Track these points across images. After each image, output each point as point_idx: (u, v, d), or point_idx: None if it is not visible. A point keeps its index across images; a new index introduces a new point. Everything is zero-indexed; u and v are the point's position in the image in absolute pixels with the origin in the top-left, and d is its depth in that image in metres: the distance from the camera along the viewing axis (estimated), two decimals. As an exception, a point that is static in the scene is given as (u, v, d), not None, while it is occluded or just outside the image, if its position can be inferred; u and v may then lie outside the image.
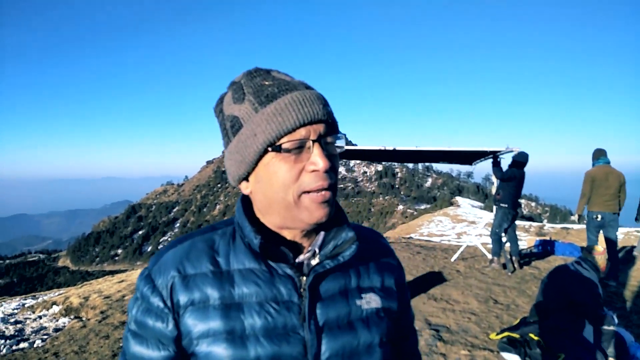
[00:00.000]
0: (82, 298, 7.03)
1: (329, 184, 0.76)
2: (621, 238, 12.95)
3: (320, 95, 0.78)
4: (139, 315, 0.81)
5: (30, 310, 7.16)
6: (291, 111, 0.74)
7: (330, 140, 0.78)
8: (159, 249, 0.86)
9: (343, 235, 0.84)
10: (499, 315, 4.90)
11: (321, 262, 0.81)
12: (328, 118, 0.77)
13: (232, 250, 0.82)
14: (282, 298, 0.79)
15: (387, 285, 0.92)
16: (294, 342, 0.77)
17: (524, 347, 3.74)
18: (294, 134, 0.74)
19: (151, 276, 0.81)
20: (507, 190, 6.93)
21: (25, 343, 5.13)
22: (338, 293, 0.83)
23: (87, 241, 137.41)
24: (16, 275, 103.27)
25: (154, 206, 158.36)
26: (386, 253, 0.97)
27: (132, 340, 0.81)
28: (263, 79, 0.79)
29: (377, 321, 0.86)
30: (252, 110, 0.76)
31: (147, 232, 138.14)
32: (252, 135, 0.76)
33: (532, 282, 6.36)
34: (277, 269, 0.80)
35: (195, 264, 0.80)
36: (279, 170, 0.75)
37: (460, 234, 16.94)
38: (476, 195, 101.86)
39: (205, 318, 0.77)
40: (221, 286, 0.78)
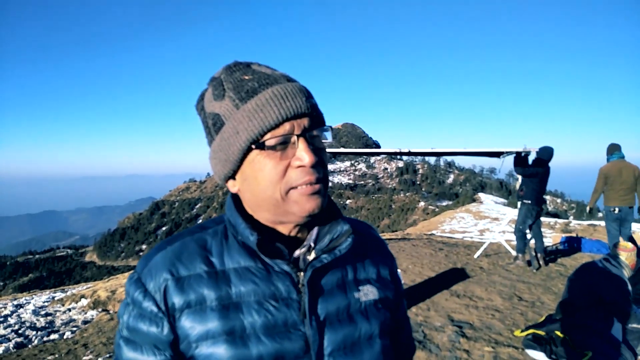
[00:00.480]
0: (109, 292, 7.21)
1: (316, 178, 0.74)
2: None
3: (303, 88, 0.76)
4: (131, 321, 0.77)
5: (60, 303, 7.38)
6: (273, 106, 0.71)
7: (316, 133, 0.76)
8: (147, 252, 0.83)
9: (338, 228, 0.83)
10: (523, 312, 4.83)
11: (318, 257, 0.79)
12: (312, 111, 0.75)
13: (225, 250, 0.80)
14: (280, 295, 0.77)
15: (383, 276, 0.92)
16: (295, 338, 0.76)
17: (549, 345, 3.68)
18: (277, 130, 0.72)
19: (141, 280, 0.77)
20: (530, 186, 6.82)
21: (56, 334, 5.30)
22: (336, 286, 0.83)
23: (112, 237, 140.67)
24: (45, 269, 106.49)
25: (177, 203, 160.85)
26: (379, 245, 0.97)
27: (125, 347, 0.78)
28: (243, 74, 0.76)
29: (376, 312, 0.86)
30: (233, 107, 0.74)
31: (170, 228, 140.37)
32: (235, 133, 0.74)
33: (557, 279, 6.24)
34: (273, 265, 0.78)
35: (189, 265, 0.77)
36: (265, 167, 0.73)
37: (482, 230, 16.71)
38: (499, 191, 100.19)
39: (203, 320, 0.74)
40: (217, 286, 0.76)
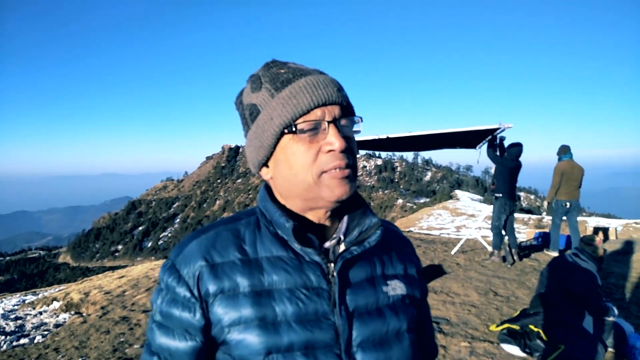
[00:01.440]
0: (83, 294, 7.04)
1: (345, 163, 0.77)
2: (620, 230, 12.97)
3: (334, 80, 0.80)
4: (164, 306, 0.80)
5: (31, 307, 7.17)
6: (305, 93, 0.76)
7: (346, 122, 0.79)
8: (181, 240, 0.86)
9: (367, 221, 0.85)
10: (499, 307, 4.91)
11: (348, 249, 0.82)
12: (342, 101, 0.79)
13: (258, 239, 0.82)
14: (311, 284, 0.79)
15: (410, 274, 0.94)
16: (325, 327, 0.77)
17: (524, 339, 3.74)
18: (309, 115, 0.76)
19: (176, 266, 0.80)
20: (501, 179, 6.92)
21: (26, 339, 5.14)
22: (365, 280, 0.84)
23: (87, 237, 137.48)
24: (16, 271, 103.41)
25: (153, 202, 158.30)
26: (405, 243, 1.00)
27: (157, 332, 0.81)
28: (279, 69, 0.81)
29: (404, 308, 0.87)
30: (268, 96, 0.79)
31: (147, 227, 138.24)
32: (269, 119, 0.78)
33: (531, 274, 6.36)
34: (304, 256, 0.80)
35: (223, 253, 0.80)
36: (297, 151, 0.77)
37: (459, 227, 16.95)
38: (475, 188, 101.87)
39: (236, 306, 0.76)
40: (250, 274, 0.78)
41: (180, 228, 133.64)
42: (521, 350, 3.72)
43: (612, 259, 7.14)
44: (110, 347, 4.43)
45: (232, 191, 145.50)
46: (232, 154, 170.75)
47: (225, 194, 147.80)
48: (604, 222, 14.66)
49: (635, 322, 4.20)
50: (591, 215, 31.29)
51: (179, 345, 0.79)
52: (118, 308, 5.97)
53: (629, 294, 5.39)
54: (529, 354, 3.66)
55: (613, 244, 8.80)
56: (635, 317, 4.47)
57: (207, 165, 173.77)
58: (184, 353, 0.79)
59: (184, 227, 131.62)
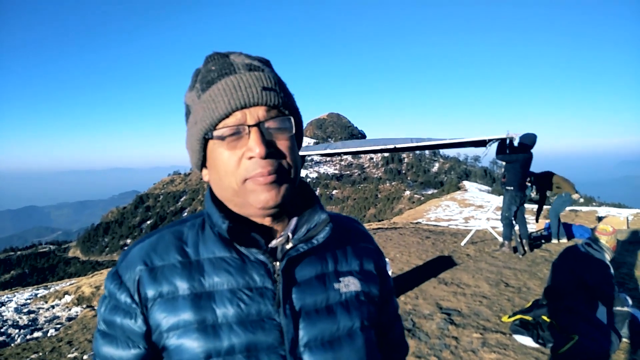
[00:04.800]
0: (94, 287, 7.10)
1: (268, 170, 0.72)
2: (631, 219, 12.85)
3: (263, 77, 0.74)
4: (107, 314, 0.78)
5: (43, 300, 7.25)
6: (224, 96, 0.71)
7: (273, 124, 0.73)
8: (127, 247, 0.84)
9: (316, 218, 0.82)
10: (510, 298, 4.88)
11: (295, 246, 0.78)
12: (268, 101, 0.73)
13: (201, 240, 0.80)
14: (255, 285, 0.76)
15: (367, 269, 0.89)
16: (269, 328, 0.75)
17: (536, 329, 3.72)
18: (228, 120, 0.72)
19: (118, 273, 0.78)
20: (512, 172, 6.89)
21: (39, 332, 5.20)
22: (314, 277, 0.81)
23: (96, 232, 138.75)
24: (28, 266, 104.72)
25: (161, 196, 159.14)
26: (364, 238, 0.94)
27: (101, 341, 0.79)
28: (213, 64, 0.76)
29: (357, 305, 0.83)
30: (196, 97, 0.75)
31: (155, 221, 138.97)
32: (194, 123, 0.75)
33: (543, 264, 6.32)
34: (248, 255, 0.77)
35: (163, 256, 0.77)
36: (220, 157, 0.74)
37: (467, 218, 16.88)
38: (484, 179, 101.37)
39: (174, 310, 0.74)
40: (190, 276, 0.76)
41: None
42: (534, 341, 3.70)
43: (624, 249, 7.07)
44: (123, 340, 4.47)
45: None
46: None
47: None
48: (614, 212, 14.52)
49: (649, 312, 4.15)
50: (601, 205, 31.02)
51: (122, 354, 0.77)
52: (129, 301, 6.03)
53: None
54: (542, 344, 3.63)
55: (624, 233, 8.72)
56: (649, 307, 4.42)
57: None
58: None
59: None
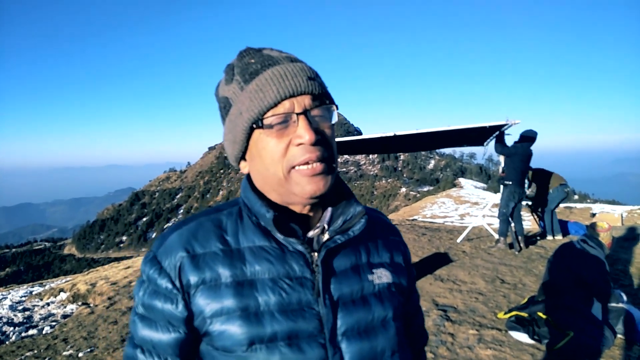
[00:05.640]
0: (89, 285, 7.07)
1: (317, 156, 0.74)
2: (625, 216, 12.92)
3: (305, 67, 0.77)
4: (146, 298, 0.79)
5: (38, 298, 7.22)
6: (272, 85, 0.73)
7: (318, 112, 0.76)
8: (163, 232, 0.85)
9: (351, 210, 0.84)
10: (506, 294, 4.90)
11: (332, 238, 0.80)
12: (314, 90, 0.75)
13: (240, 229, 0.81)
14: (294, 274, 0.78)
15: (396, 262, 0.93)
16: (309, 317, 0.77)
17: (532, 326, 3.73)
18: (276, 109, 0.74)
19: (157, 258, 0.79)
20: (510, 167, 6.89)
21: (34, 330, 5.17)
22: (350, 268, 0.83)
23: (92, 229, 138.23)
24: (23, 263, 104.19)
25: (157, 193, 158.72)
26: (393, 231, 0.98)
27: (140, 324, 0.80)
28: (251, 58, 0.78)
29: (389, 296, 0.86)
30: (238, 90, 0.77)
31: (151, 218, 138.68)
32: (239, 114, 0.77)
33: (538, 261, 6.35)
34: (287, 245, 0.79)
35: (204, 244, 0.79)
36: (267, 145, 0.75)
37: (463, 215, 16.92)
38: (479, 176, 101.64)
39: (217, 297, 0.75)
40: (232, 264, 0.77)
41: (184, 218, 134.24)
42: (529, 338, 3.71)
43: (619, 246, 7.10)
44: (119, 337, 4.45)
45: (235, 181, 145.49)
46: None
47: (228, 184, 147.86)
48: (608, 209, 14.61)
49: (644, 309, 4.18)
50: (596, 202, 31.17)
51: (162, 337, 0.78)
52: (125, 298, 6.00)
53: (636, 280, 5.37)
54: (538, 340, 3.65)
55: (619, 230, 8.76)
56: (643, 303, 4.44)
57: (210, 156, 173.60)
58: (167, 345, 0.78)
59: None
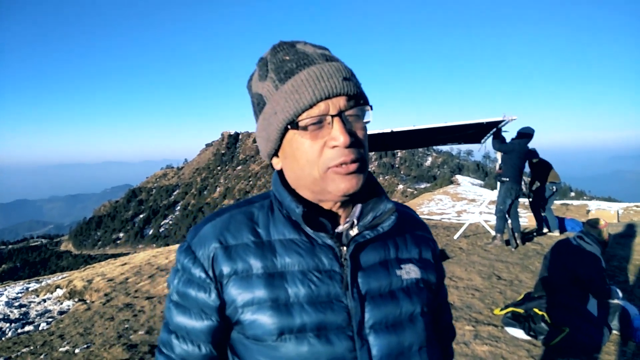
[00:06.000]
0: (86, 281, 7.06)
1: (351, 158, 0.75)
2: (621, 213, 12.98)
3: (341, 67, 0.77)
4: (181, 287, 0.82)
5: (35, 294, 7.20)
6: (307, 87, 0.73)
7: (352, 113, 0.77)
8: (197, 224, 0.87)
9: (382, 206, 0.85)
10: (502, 291, 4.91)
11: (361, 233, 0.82)
12: (349, 91, 0.75)
13: (271, 222, 0.83)
14: (323, 267, 0.80)
15: (425, 257, 0.94)
16: (338, 310, 0.78)
17: (528, 322, 3.75)
18: (312, 110, 0.74)
19: (191, 248, 0.82)
20: (508, 163, 6.89)
21: (31, 326, 5.16)
22: (378, 263, 0.84)
23: (88, 225, 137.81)
24: (19, 260, 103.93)
25: (154, 190, 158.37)
26: (422, 227, 0.99)
27: (174, 311, 0.83)
28: (285, 54, 0.79)
29: (417, 291, 0.87)
30: (273, 88, 0.77)
31: (148, 215, 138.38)
32: (273, 113, 0.77)
33: (534, 257, 6.37)
34: (317, 239, 0.80)
35: (236, 235, 0.82)
36: (302, 146, 0.76)
37: (460, 212, 16.97)
38: (476, 173, 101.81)
39: (249, 287, 0.78)
40: (263, 256, 0.80)
41: (181, 215, 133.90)
42: (525, 334, 3.73)
43: (615, 242, 7.13)
44: (115, 333, 4.44)
45: (233, 178, 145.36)
46: (231, 141, 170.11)
47: (225, 181, 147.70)
48: (605, 206, 14.67)
49: (639, 305, 4.20)
50: (592, 199, 31.31)
51: (195, 324, 0.81)
52: (121, 295, 5.99)
53: (632, 277, 5.39)
54: (534, 337, 3.66)
55: (615, 227, 8.80)
56: (639, 300, 4.47)
57: (207, 153, 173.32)
58: (200, 332, 0.81)
59: (185, 215, 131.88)
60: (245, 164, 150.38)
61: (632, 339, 3.58)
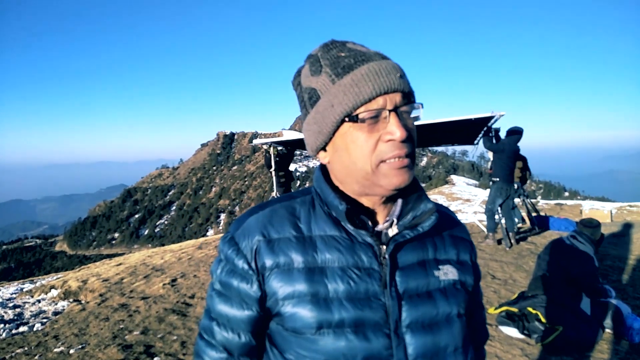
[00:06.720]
0: (81, 281, 7.03)
1: (405, 152, 0.76)
2: (615, 213, 13.06)
3: (397, 65, 0.79)
4: (224, 276, 0.85)
5: (29, 295, 7.17)
6: (368, 81, 0.75)
7: (406, 109, 0.78)
8: (239, 216, 0.89)
9: (422, 206, 0.85)
10: (497, 290, 4.94)
11: (400, 232, 0.83)
12: (404, 88, 0.77)
13: (312, 218, 0.85)
14: (363, 265, 0.81)
15: (463, 259, 0.94)
16: (376, 307, 0.79)
17: (522, 321, 3.77)
18: (370, 104, 0.75)
19: (235, 239, 0.84)
20: (498, 163, 6.91)
21: (25, 327, 5.14)
22: (416, 263, 0.85)
23: (83, 225, 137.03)
24: (13, 260, 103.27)
25: (149, 190, 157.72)
26: (460, 228, 0.99)
27: (217, 299, 0.87)
28: (339, 51, 0.80)
29: (455, 293, 0.88)
30: (329, 82, 0.78)
31: (143, 215, 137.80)
32: (330, 106, 0.78)
33: (528, 257, 6.41)
34: (356, 236, 0.81)
35: (279, 229, 0.83)
36: (357, 140, 0.77)
37: (455, 212, 16.99)
38: (471, 173, 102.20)
39: (290, 280, 0.79)
40: (304, 251, 0.81)
41: (177, 215, 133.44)
42: (520, 332, 3.76)
43: (608, 241, 7.19)
44: (110, 333, 4.43)
45: (228, 178, 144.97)
46: (227, 140, 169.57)
47: (221, 180, 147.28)
48: (598, 205, 14.75)
49: (632, 303, 4.24)
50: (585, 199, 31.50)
51: (236, 313, 0.84)
52: (116, 295, 5.97)
53: (625, 276, 5.44)
54: (528, 335, 3.69)
55: (608, 226, 8.87)
56: (632, 298, 4.51)
57: (203, 152, 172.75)
58: (240, 321, 0.84)
59: (181, 215, 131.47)
60: (240, 164, 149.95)
61: (625, 338, 3.61)
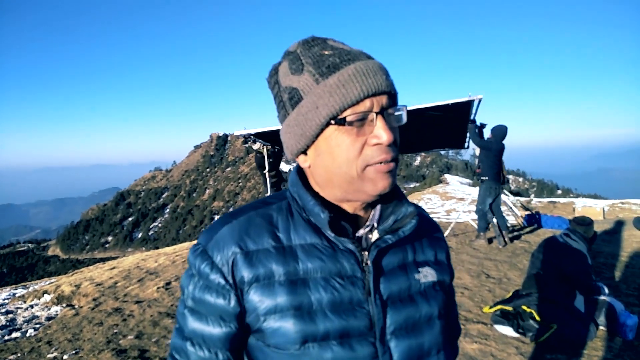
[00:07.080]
0: (74, 286, 6.97)
1: (391, 156, 0.74)
2: (607, 210, 13.16)
3: (382, 66, 0.75)
4: (197, 293, 0.78)
5: (22, 300, 7.10)
6: (355, 82, 0.70)
7: (392, 112, 0.75)
8: (211, 225, 0.83)
9: (403, 209, 0.83)
10: (491, 289, 4.96)
11: (382, 237, 0.80)
12: (391, 89, 0.74)
13: (291, 225, 0.80)
14: (346, 273, 0.78)
15: (440, 259, 0.93)
16: (360, 316, 0.76)
17: (517, 319, 3.79)
18: (357, 107, 0.71)
19: (208, 252, 0.78)
20: (486, 162, 6.95)
21: (18, 332, 5.09)
22: (397, 267, 0.83)
23: (76, 229, 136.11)
24: (6, 265, 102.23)
25: (142, 192, 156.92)
26: (436, 228, 0.98)
27: (190, 317, 0.80)
28: (322, 49, 0.75)
29: (434, 294, 0.87)
30: (312, 82, 0.73)
31: (136, 218, 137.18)
32: (314, 107, 0.73)
33: (522, 255, 6.44)
34: (338, 244, 0.78)
35: (256, 240, 0.78)
36: (342, 143, 0.73)
37: (449, 211, 17.04)
38: (465, 172, 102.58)
39: (271, 294, 0.75)
40: (285, 262, 0.76)
41: (170, 218, 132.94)
42: (514, 331, 3.77)
43: (600, 239, 7.24)
44: (104, 338, 4.40)
45: (222, 180, 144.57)
46: (220, 142, 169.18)
47: (214, 183, 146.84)
48: (590, 203, 14.84)
49: (625, 300, 4.27)
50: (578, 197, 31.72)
51: (213, 331, 0.78)
52: (110, 299, 5.93)
53: (618, 273, 5.48)
54: (522, 334, 3.71)
55: (600, 224, 8.93)
56: (625, 295, 4.54)
57: (196, 155, 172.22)
58: (217, 339, 0.78)
59: (174, 217, 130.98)
60: (234, 166, 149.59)
61: (619, 335, 3.63)
